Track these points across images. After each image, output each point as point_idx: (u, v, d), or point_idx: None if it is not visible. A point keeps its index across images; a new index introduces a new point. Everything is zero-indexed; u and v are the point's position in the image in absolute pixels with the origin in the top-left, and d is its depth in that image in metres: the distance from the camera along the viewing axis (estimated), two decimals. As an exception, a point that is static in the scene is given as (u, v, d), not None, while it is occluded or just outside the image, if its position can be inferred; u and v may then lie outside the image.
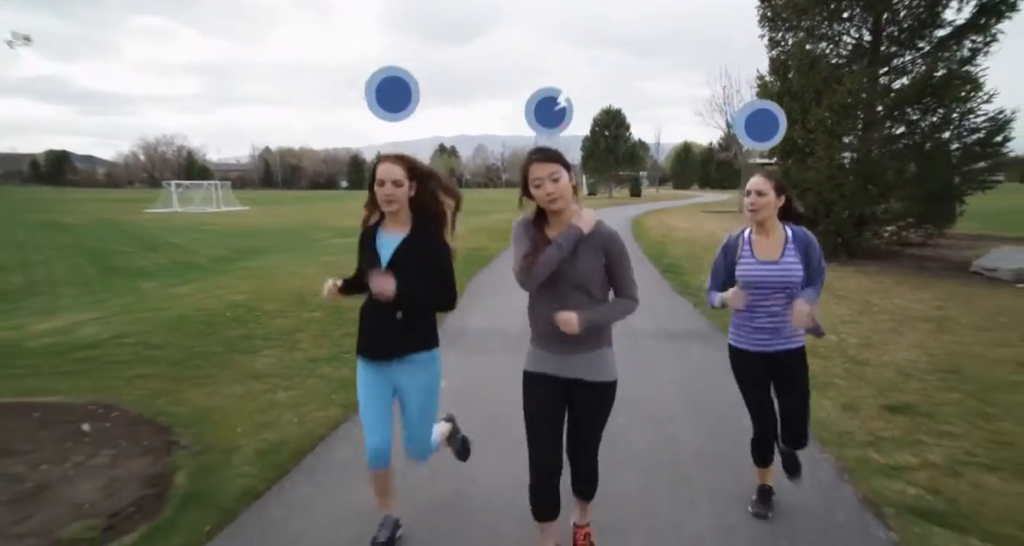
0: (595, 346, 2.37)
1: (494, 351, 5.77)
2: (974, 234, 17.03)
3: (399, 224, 2.54)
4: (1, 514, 2.87)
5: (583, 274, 2.26)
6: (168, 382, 4.64)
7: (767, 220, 2.76)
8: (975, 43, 10.82)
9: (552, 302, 2.29)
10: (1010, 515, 2.91)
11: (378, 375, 2.60)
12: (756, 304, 2.77)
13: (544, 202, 2.25)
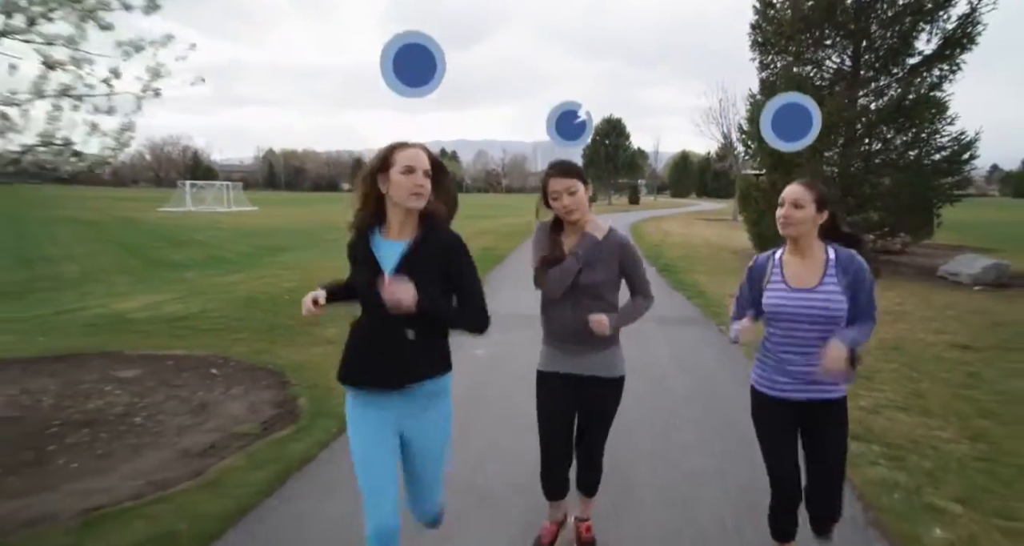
0: (606, 345, 2.48)
1: (516, 329, 6.91)
2: (953, 245, 18.28)
3: (403, 227, 1.98)
4: (188, 419, 4.01)
5: (598, 282, 2.40)
6: (262, 344, 5.78)
7: (802, 238, 2.25)
8: (942, 71, 12.07)
9: (567, 304, 2.41)
10: (905, 434, 4.07)
11: (379, 416, 1.98)
12: (785, 341, 2.28)
13: (561, 214, 2.39)
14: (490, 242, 15.81)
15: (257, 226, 26.82)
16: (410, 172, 1.87)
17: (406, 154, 1.89)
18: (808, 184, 2.27)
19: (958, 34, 11.72)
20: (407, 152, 1.90)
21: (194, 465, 3.38)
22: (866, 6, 12.65)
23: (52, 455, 3.46)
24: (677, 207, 53.54)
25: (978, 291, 10.33)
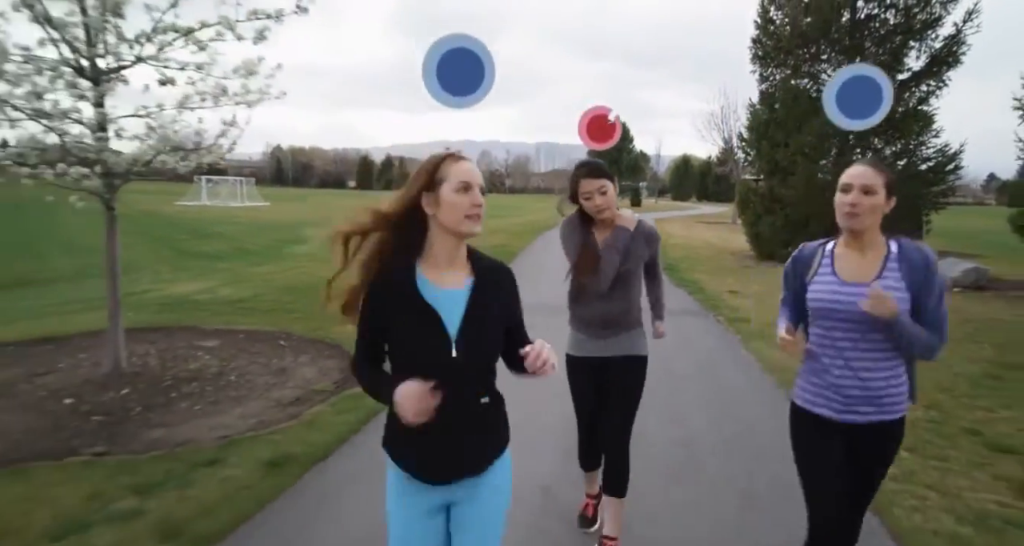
0: (631, 327, 2.60)
1: (539, 314, 7.73)
2: (941, 251, 19.12)
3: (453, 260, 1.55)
4: (271, 378, 4.83)
5: (629, 271, 2.54)
6: (316, 322, 6.59)
7: (867, 232, 1.89)
8: (929, 87, 12.90)
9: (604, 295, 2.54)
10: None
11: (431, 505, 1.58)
12: (831, 345, 1.91)
13: (593, 212, 2.47)
14: (502, 240, 16.62)
15: (272, 220, 27.64)
16: (466, 190, 1.48)
17: (461, 168, 1.51)
18: (877, 165, 1.90)
19: (944, 53, 12.56)
20: (462, 166, 1.51)
21: (289, 411, 4.19)
22: (860, 24, 13.48)
23: (175, 400, 4.27)
24: (678, 210, 54.34)
25: (957, 292, 11.14)
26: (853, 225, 1.87)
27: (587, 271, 2.50)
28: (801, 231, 14.00)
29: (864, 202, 1.86)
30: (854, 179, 1.90)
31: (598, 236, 2.55)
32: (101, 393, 4.31)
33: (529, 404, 4.18)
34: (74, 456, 3.37)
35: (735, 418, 4.41)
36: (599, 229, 2.56)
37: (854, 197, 1.88)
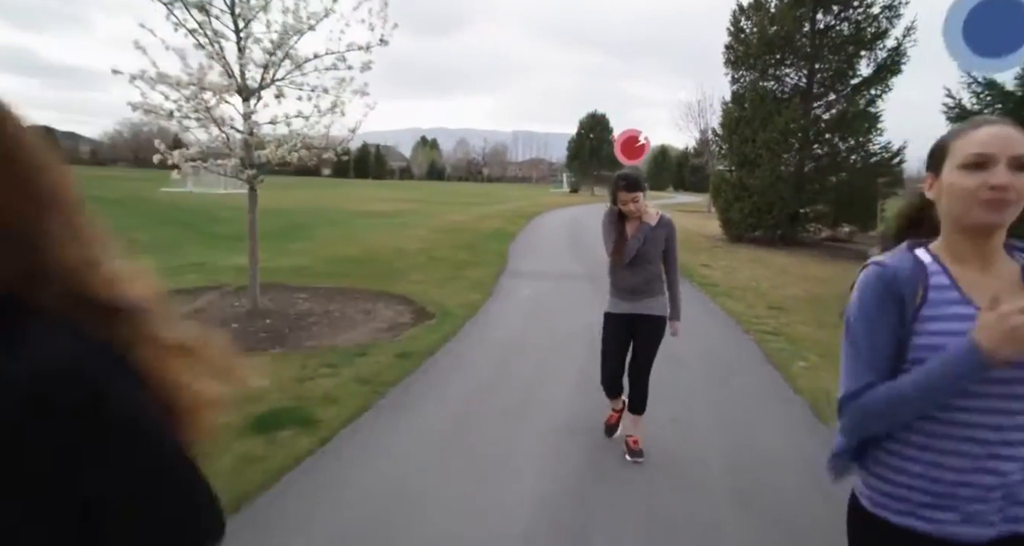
0: (651, 295, 3.40)
1: (541, 279, 9.47)
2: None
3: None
4: (362, 317, 6.50)
5: (651, 252, 3.31)
6: (376, 282, 8.24)
7: (999, 232, 1.15)
8: (876, 90, 14.87)
9: (628, 269, 3.34)
10: (801, 334, 6.72)
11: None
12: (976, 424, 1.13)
13: (627, 212, 3.32)
14: (499, 224, 18.31)
15: (267, 207, 28.79)
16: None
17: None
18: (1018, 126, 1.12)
19: (889, 62, 14.52)
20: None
21: (389, 334, 5.87)
22: (819, 34, 15.39)
23: (305, 326, 5.93)
24: (656, 199, 56.46)
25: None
26: (995, 220, 1.10)
27: (618, 252, 3.37)
28: (766, 216, 15.97)
29: (1019, 183, 1.08)
30: (1000, 147, 1.09)
31: (628, 228, 3.37)
32: (253, 322, 5.95)
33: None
34: (264, 353, 5.03)
35: (704, 343, 6.20)
36: (630, 223, 3.38)
37: (1003, 176, 1.07)
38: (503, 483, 3.12)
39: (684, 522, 2.85)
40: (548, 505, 2.92)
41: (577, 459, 3.41)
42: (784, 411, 4.43)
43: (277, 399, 4.03)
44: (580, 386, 4.49)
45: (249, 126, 5.87)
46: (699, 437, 3.87)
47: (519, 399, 4.34)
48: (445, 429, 3.79)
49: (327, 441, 3.51)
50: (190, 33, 5.66)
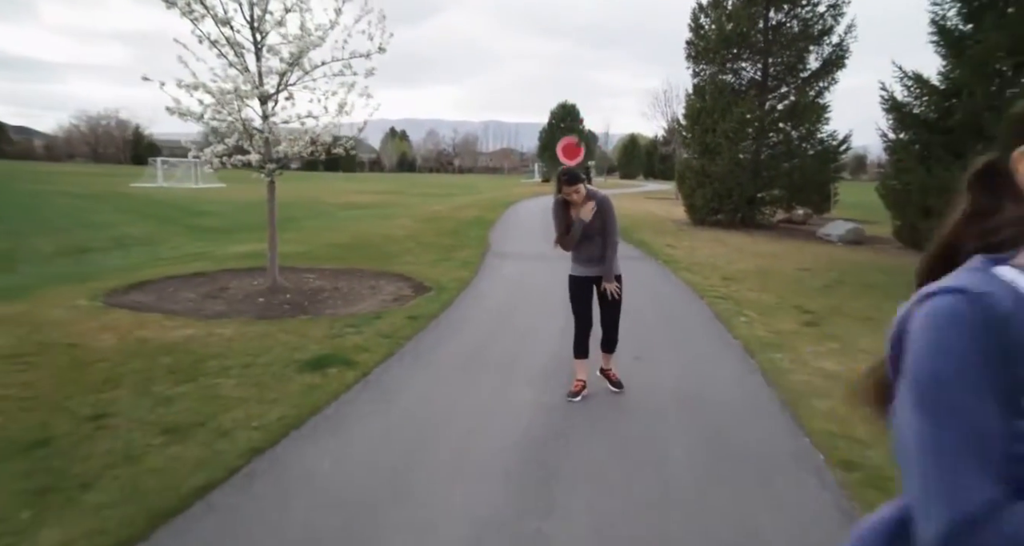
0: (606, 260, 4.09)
1: (521, 259, 10.49)
2: (845, 218, 22.83)
3: None
4: (369, 292, 7.44)
5: (594, 227, 4.03)
6: (375, 263, 9.15)
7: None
8: (824, 83, 16.15)
9: (583, 243, 4.08)
10: (747, 298, 7.85)
11: None
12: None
13: (570, 201, 4.04)
14: (477, 213, 19.26)
15: (247, 200, 29.21)
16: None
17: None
18: None
19: (834, 57, 15.81)
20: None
21: (395, 304, 6.82)
22: (772, 30, 16.59)
23: (321, 300, 6.85)
24: (626, 187, 57.88)
25: (839, 245, 14.50)
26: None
27: (560, 241, 4.19)
28: (726, 200, 17.21)
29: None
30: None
31: (573, 212, 4.10)
32: (275, 296, 6.85)
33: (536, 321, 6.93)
34: (293, 319, 5.95)
35: (664, 305, 7.30)
36: (574, 208, 4.10)
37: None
38: (503, 410, 4.12)
39: (640, 426, 3.91)
40: (539, 414, 3.95)
41: (557, 386, 4.42)
42: (723, 350, 5.53)
43: (318, 349, 4.99)
44: (558, 339, 5.50)
45: (268, 126, 6.73)
46: (656, 369, 4.93)
47: (510, 347, 5.36)
48: (456, 367, 4.79)
49: (367, 374, 4.49)
50: (213, 44, 6.50)
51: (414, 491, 2.94)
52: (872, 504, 2.42)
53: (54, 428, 3.44)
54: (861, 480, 3.13)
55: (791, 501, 2.96)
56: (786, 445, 3.60)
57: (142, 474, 2.99)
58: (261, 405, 3.87)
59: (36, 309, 6.06)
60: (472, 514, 2.75)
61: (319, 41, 6.60)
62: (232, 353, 4.87)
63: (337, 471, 3.12)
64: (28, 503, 2.70)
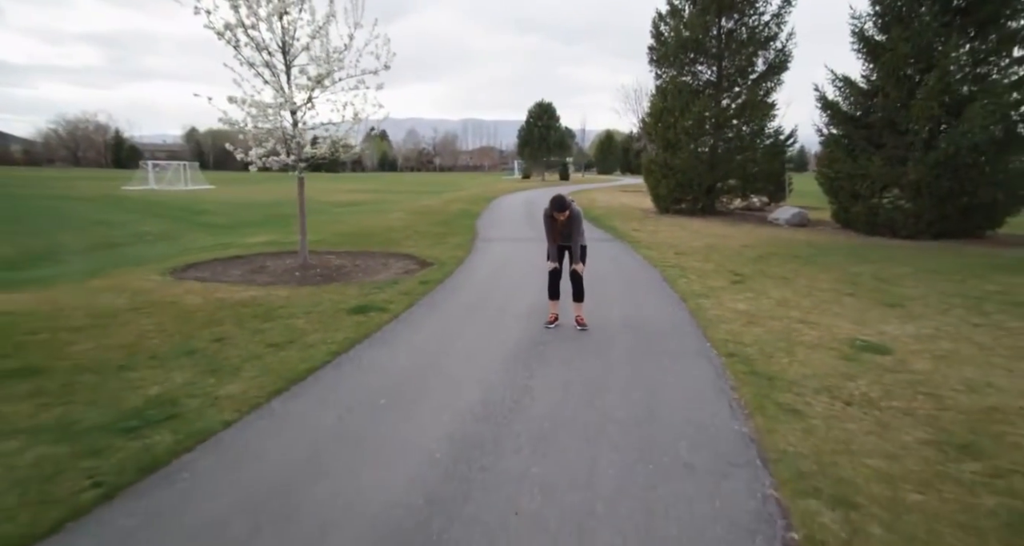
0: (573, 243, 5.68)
1: (505, 242, 12.15)
2: (801, 205, 24.84)
3: None
4: (382, 268, 9.05)
5: (570, 235, 5.67)
6: (382, 246, 10.74)
7: None
8: (770, 84, 18.04)
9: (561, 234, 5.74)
10: (692, 266, 9.61)
11: None
12: None
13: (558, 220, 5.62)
14: (464, 207, 20.88)
15: (241, 200, 30.46)
16: None
17: None
18: None
19: (777, 61, 17.71)
20: None
21: (406, 274, 8.43)
22: (725, 36, 18.42)
23: (345, 274, 8.43)
24: (602, 182, 59.85)
25: (785, 228, 16.38)
26: None
27: (556, 237, 5.82)
28: (687, 190, 19.04)
29: None
30: None
31: (558, 220, 5.72)
32: (307, 271, 8.43)
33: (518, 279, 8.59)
34: (327, 285, 7.54)
35: (623, 272, 9.00)
36: (558, 220, 5.71)
37: None
38: (499, 332, 5.78)
39: (595, 338, 5.60)
40: (524, 335, 5.61)
41: (537, 322, 6.08)
42: (664, 299, 7.25)
43: (356, 302, 6.60)
44: (536, 296, 7.15)
45: (298, 132, 8.30)
46: (611, 311, 6.62)
47: (500, 300, 7.02)
48: (461, 312, 6.44)
49: (397, 316, 6.12)
50: (251, 66, 8.04)
51: (443, 371, 4.59)
52: (737, 375, 4.17)
53: (194, 345, 5.03)
54: (734, 361, 4.85)
55: (688, 370, 4.67)
56: (694, 346, 5.31)
57: (268, 364, 4.60)
58: (328, 332, 5.49)
59: (124, 282, 7.58)
60: (484, 380, 4.41)
61: (339, 63, 8.17)
62: (293, 305, 6.47)
63: (390, 363, 4.76)
64: (208, 375, 4.31)
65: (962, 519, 2.65)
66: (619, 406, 3.92)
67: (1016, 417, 3.75)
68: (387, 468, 3.07)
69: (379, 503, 2.75)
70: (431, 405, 3.89)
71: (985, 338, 5.55)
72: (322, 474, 3.02)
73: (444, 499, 2.79)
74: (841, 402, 4.00)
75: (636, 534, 2.55)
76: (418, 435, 3.45)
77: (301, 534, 2.53)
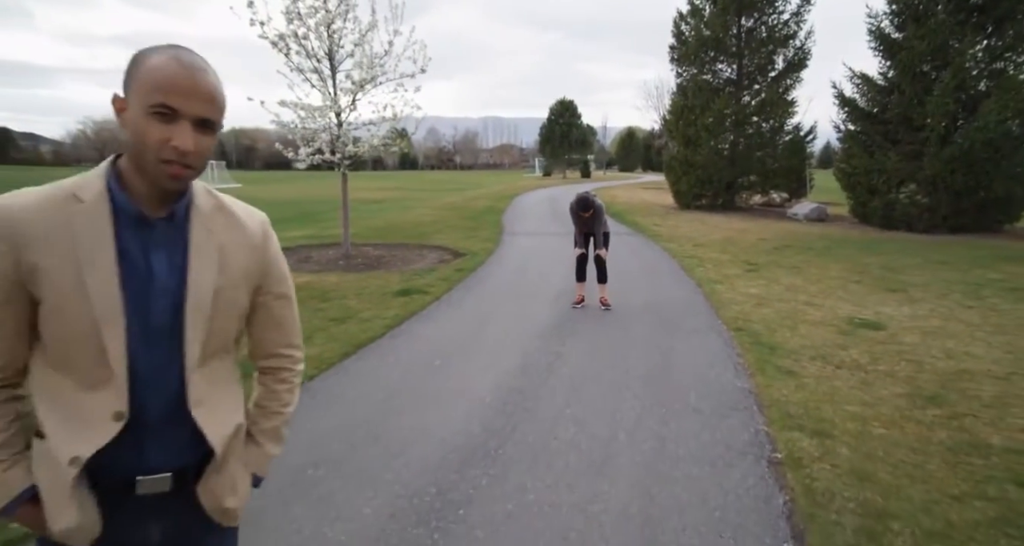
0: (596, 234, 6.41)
1: (531, 236, 12.82)
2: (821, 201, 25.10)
3: None
4: (419, 258, 9.78)
5: (593, 226, 6.44)
6: (417, 238, 11.48)
7: None
8: (789, 81, 18.42)
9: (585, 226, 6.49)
10: (709, 257, 10.19)
11: None
12: None
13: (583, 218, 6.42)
14: (488, 203, 21.60)
15: (269, 199, 31.51)
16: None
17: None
18: None
19: (796, 59, 18.09)
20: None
21: (441, 263, 9.14)
22: (744, 35, 18.84)
23: (384, 263, 9.17)
24: (623, 179, 60.21)
25: (803, 223, 16.79)
26: None
27: (582, 227, 6.53)
28: (707, 186, 19.51)
29: None
30: None
31: (583, 216, 6.41)
32: (350, 260, 9.18)
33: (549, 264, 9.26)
34: (371, 272, 8.27)
35: (645, 262, 9.62)
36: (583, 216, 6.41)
37: None
38: (532, 311, 6.45)
39: (618, 317, 6.25)
40: (553, 314, 6.28)
41: (565, 304, 6.74)
42: (682, 285, 7.87)
43: (400, 286, 7.33)
44: (563, 282, 7.83)
45: (342, 132, 9.05)
46: (632, 295, 7.25)
47: (530, 286, 7.69)
48: (496, 295, 7.13)
49: (439, 298, 6.83)
50: (301, 72, 8.81)
51: (486, 341, 5.28)
52: (743, 345, 4.83)
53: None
54: (742, 335, 5.47)
55: (700, 341, 5.30)
56: (706, 323, 5.94)
57: (333, 334, 5.34)
58: (380, 310, 6.21)
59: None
60: (522, 347, 5.08)
61: (380, 68, 8.91)
62: (343, 288, 7.22)
63: (438, 334, 5.46)
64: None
65: (915, 445, 3.26)
66: (638, 367, 4.57)
67: (983, 377, 4.33)
68: (448, 408, 3.77)
69: (445, 430, 3.44)
70: (478, 366, 4.58)
71: (974, 317, 6.08)
72: (395, 412, 3.72)
73: (496, 429, 3.48)
74: (832, 366, 4.60)
75: (652, 452, 3.21)
76: (470, 386, 4.14)
77: (388, 449, 3.23)
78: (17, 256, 0.95)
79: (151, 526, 1.06)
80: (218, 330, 1.09)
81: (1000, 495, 2.79)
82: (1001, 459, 3.13)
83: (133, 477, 1.03)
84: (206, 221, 1.09)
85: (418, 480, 2.93)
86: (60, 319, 0.98)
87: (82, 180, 1.02)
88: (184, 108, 0.97)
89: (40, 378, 1.03)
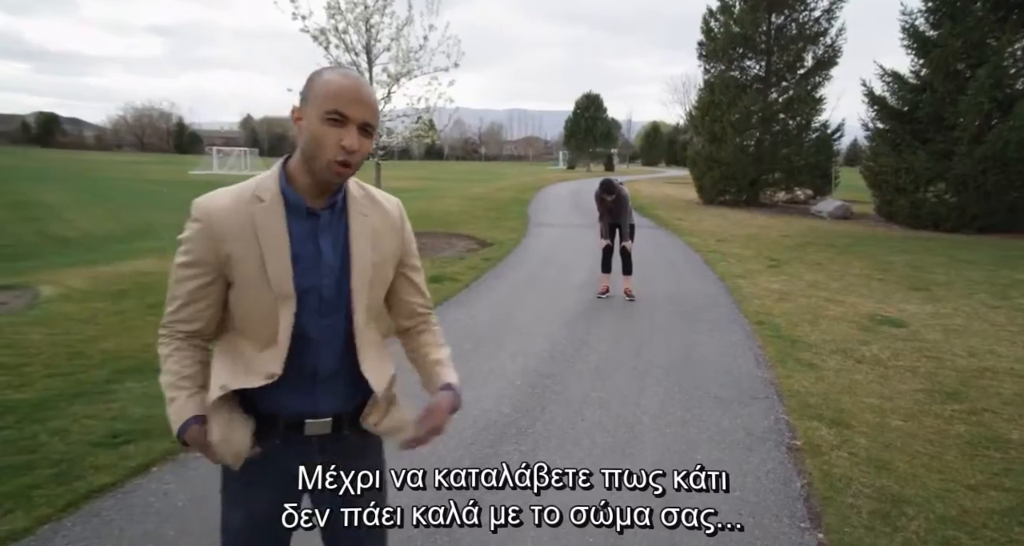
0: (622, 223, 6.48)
1: (556, 227, 12.97)
2: (846, 199, 24.85)
3: None
4: (447, 246, 10.00)
5: (618, 214, 6.51)
6: (445, 227, 11.72)
7: None
8: (819, 78, 18.26)
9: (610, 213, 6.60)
10: (732, 252, 10.26)
11: None
12: None
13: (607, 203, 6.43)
14: (514, 194, 21.78)
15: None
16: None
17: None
18: None
19: (826, 56, 17.91)
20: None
21: (469, 252, 9.34)
22: (774, 32, 18.71)
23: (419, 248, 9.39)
24: (647, 173, 59.96)
25: (827, 220, 16.70)
26: None
27: (606, 216, 6.63)
28: (732, 182, 19.46)
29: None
30: None
31: (607, 201, 6.46)
32: (382, 247, 9.41)
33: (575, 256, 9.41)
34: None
35: (667, 256, 9.72)
36: (606, 201, 6.45)
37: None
38: (558, 300, 6.63)
39: (641, 307, 6.40)
40: (580, 303, 6.45)
41: (590, 293, 6.90)
42: (704, 279, 7.99)
43: (431, 274, 7.54)
44: (588, 272, 7.98)
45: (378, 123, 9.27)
46: (656, 288, 7.39)
47: (556, 275, 7.86)
48: (523, 283, 7.32)
49: (468, 285, 7.04)
50: (340, 65, 9.03)
51: (514, 327, 5.48)
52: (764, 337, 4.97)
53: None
54: (763, 328, 5.59)
55: (722, 333, 5.44)
56: (728, 315, 6.07)
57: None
58: (412, 296, 6.44)
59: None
60: (549, 334, 5.27)
61: (415, 61, 9.11)
62: (376, 275, 7.46)
63: (469, 319, 5.67)
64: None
65: (933, 437, 3.39)
66: (662, 355, 4.74)
67: (1005, 375, 4.41)
68: (480, 388, 3.97)
69: (477, 409, 3.65)
70: (508, 350, 4.78)
71: (999, 317, 6.13)
72: (431, 391, 3.94)
73: (526, 408, 3.67)
74: (853, 360, 4.72)
75: (674, 436, 3.38)
76: (501, 369, 4.34)
77: (425, 424, 3.44)
78: (217, 247, 1.19)
79: (315, 456, 1.31)
80: (375, 298, 1.32)
81: (1017, 486, 2.91)
82: (1019, 453, 3.25)
83: (303, 420, 1.27)
84: (360, 208, 1.30)
85: (453, 454, 3.13)
86: (246, 298, 1.22)
87: (262, 182, 1.24)
88: (352, 114, 1.15)
89: (225, 338, 1.29)
